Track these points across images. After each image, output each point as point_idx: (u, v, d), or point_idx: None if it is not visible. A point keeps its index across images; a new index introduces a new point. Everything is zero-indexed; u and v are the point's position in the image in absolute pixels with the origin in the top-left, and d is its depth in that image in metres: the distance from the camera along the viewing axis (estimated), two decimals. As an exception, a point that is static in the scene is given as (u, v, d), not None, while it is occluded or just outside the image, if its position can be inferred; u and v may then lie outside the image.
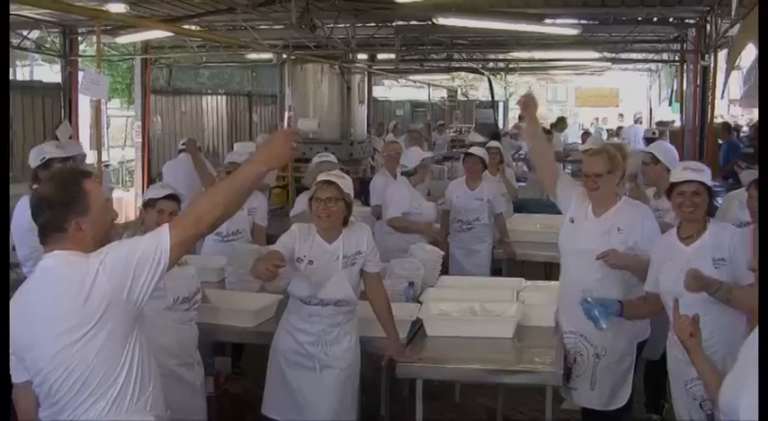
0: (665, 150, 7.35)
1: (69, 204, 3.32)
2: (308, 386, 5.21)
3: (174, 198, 5.48)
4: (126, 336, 3.30)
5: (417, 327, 5.73)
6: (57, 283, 3.25)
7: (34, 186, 5.99)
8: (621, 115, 32.10)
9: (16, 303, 3.30)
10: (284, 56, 13.94)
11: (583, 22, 14.51)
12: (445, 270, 7.52)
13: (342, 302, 5.17)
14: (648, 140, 15.39)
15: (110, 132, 24.43)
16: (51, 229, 3.33)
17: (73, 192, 3.34)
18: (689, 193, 4.87)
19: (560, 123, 21.74)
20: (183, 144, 11.18)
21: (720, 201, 7.26)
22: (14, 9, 10.91)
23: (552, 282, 6.74)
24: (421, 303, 6.03)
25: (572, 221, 5.71)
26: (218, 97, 21.15)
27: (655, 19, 14.90)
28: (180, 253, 3.36)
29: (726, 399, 3.15)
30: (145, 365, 3.40)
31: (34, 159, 6.76)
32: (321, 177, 5.32)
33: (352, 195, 5.33)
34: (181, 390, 5.20)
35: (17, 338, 3.27)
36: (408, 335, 5.61)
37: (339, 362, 5.23)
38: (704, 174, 4.92)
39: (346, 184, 5.21)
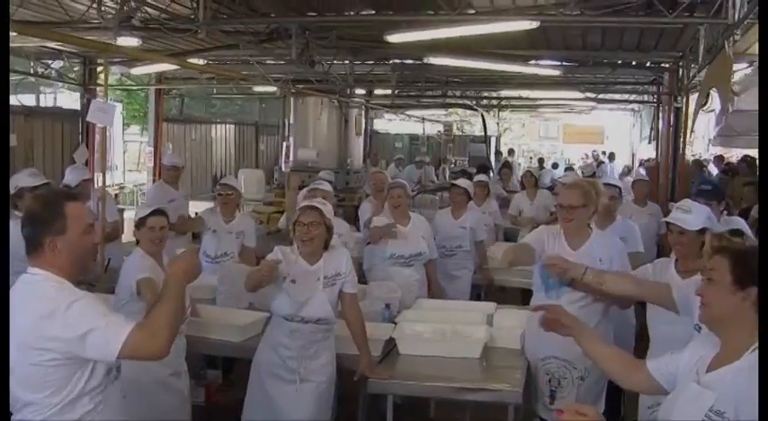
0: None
1: (47, 223, 3.31)
2: (286, 398, 5.24)
3: (160, 212, 5.53)
4: (74, 367, 3.27)
5: (391, 346, 5.75)
6: (27, 301, 3.24)
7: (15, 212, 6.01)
8: (604, 153, 32.27)
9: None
10: (285, 89, 14.01)
11: (565, 63, 14.58)
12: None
13: (322, 321, 5.22)
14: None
15: (127, 157, 24.57)
16: (29, 245, 3.33)
17: (52, 212, 3.33)
18: (675, 233, 4.90)
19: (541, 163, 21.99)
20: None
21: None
22: (40, 41, 11.00)
23: (525, 308, 6.74)
24: (396, 324, 6.03)
25: None
26: (227, 126, 21.25)
27: (633, 63, 15.00)
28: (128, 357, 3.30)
29: (662, 417, 3.25)
30: (96, 391, 3.36)
31: (11, 187, 6.72)
32: (304, 203, 5.39)
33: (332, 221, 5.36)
34: (170, 397, 5.29)
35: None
36: (382, 353, 5.64)
37: (316, 375, 5.28)
38: (690, 216, 4.83)
39: (327, 210, 5.26)
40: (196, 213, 9.24)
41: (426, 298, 7.32)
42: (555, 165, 29.63)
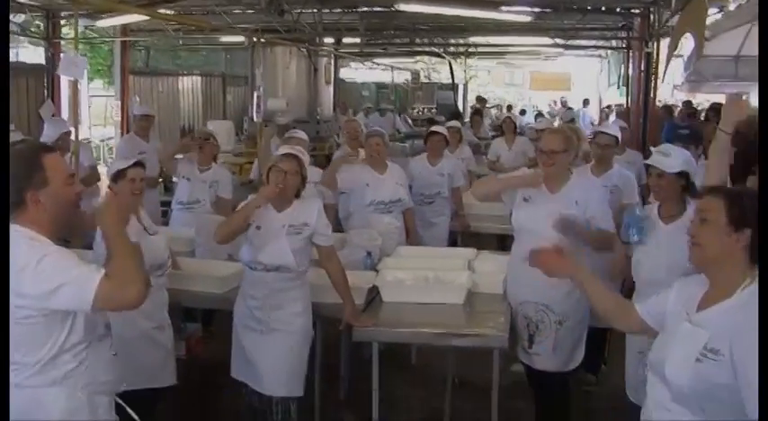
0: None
1: (27, 177, 3.24)
2: (256, 348, 5.24)
3: (139, 164, 5.46)
4: (52, 323, 3.22)
5: (374, 294, 5.75)
6: (12, 255, 3.14)
7: None
8: (564, 104, 32.14)
9: None
10: (254, 39, 13.84)
11: (536, 9, 14.51)
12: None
13: (283, 268, 5.14)
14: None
15: (92, 111, 24.26)
16: (12, 201, 3.23)
17: (30, 166, 3.26)
18: (654, 175, 4.92)
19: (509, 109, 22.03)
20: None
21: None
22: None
23: (504, 253, 6.78)
24: (378, 271, 6.03)
25: (525, 200, 5.63)
26: (194, 78, 21.02)
27: (603, 8, 14.97)
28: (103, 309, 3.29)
29: (653, 358, 3.24)
30: (78, 348, 3.31)
31: None
32: (284, 149, 5.35)
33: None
34: (154, 351, 5.26)
35: None
36: (365, 301, 5.63)
37: (284, 325, 5.21)
38: (670, 159, 4.85)
39: (306, 160, 5.28)
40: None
41: (405, 245, 7.32)
42: (523, 112, 29.70)
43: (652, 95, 14.20)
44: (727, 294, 3.05)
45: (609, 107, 25.05)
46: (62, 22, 15.15)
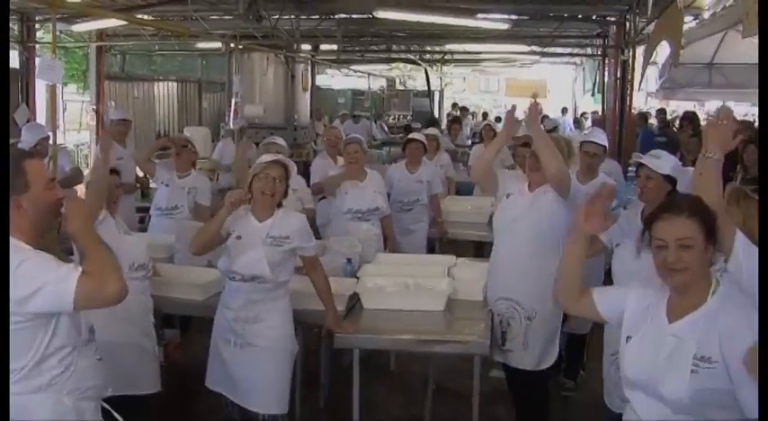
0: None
1: (9, 182, 3.23)
2: (234, 361, 5.14)
3: (114, 171, 5.48)
4: (36, 328, 3.23)
5: (355, 301, 5.77)
6: None
7: None
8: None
9: None
10: (232, 45, 13.84)
11: (513, 17, 14.59)
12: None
13: (260, 279, 5.02)
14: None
15: (66, 116, 24.12)
16: None
17: (12, 170, 3.25)
18: (644, 177, 4.98)
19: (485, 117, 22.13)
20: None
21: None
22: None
23: (482, 260, 6.83)
24: (358, 278, 6.05)
25: (507, 196, 5.78)
26: (170, 84, 20.96)
27: (579, 16, 15.06)
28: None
29: (635, 376, 3.25)
30: (63, 352, 3.32)
31: None
32: (269, 157, 5.25)
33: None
34: (139, 357, 5.26)
35: None
36: (346, 308, 5.65)
37: (261, 340, 5.07)
38: (661, 161, 4.96)
39: (293, 168, 5.28)
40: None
41: (383, 252, 7.34)
42: (498, 119, 29.76)
43: (628, 103, 14.29)
44: (699, 301, 3.11)
45: (584, 114, 25.23)
46: (36, 26, 15.08)
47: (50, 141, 8.00)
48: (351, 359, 5.38)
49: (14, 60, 15.21)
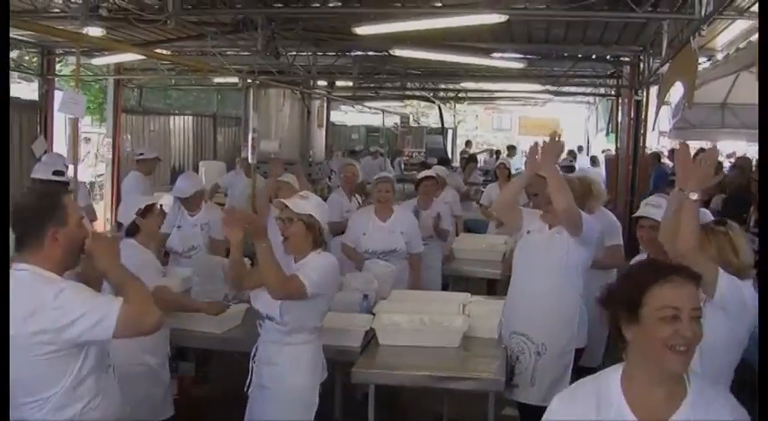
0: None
1: (48, 214, 3.35)
2: (252, 400, 5.04)
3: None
4: (69, 356, 3.31)
5: (371, 337, 5.81)
6: (23, 297, 3.24)
7: None
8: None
9: None
10: (249, 81, 13.95)
11: (528, 56, 14.70)
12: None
13: (272, 318, 4.82)
14: (568, 169, 15.85)
15: (82, 148, 24.31)
16: (30, 238, 3.33)
17: (54, 203, 3.37)
18: (647, 227, 5.03)
19: (511, 150, 22.17)
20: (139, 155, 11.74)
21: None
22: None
23: (495, 298, 6.89)
24: (374, 314, 6.09)
25: (528, 233, 5.87)
26: (186, 118, 21.06)
27: (594, 56, 15.16)
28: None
29: None
30: (91, 378, 3.40)
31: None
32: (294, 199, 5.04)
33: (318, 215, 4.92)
34: (155, 386, 5.32)
35: None
36: (362, 344, 5.69)
37: (273, 384, 4.88)
38: (661, 210, 4.74)
39: (299, 205, 4.87)
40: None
41: (399, 288, 7.35)
42: (510, 149, 29.74)
43: (641, 142, 14.36)
44: (676, 393, 2.68)
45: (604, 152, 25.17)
46: (57, 58, 15.25)
47: (71, 174, 8.07)
48: (363, 393, 5.40)
49: (33, 92, 15.35)
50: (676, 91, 11.39)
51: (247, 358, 5.09)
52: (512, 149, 24.24)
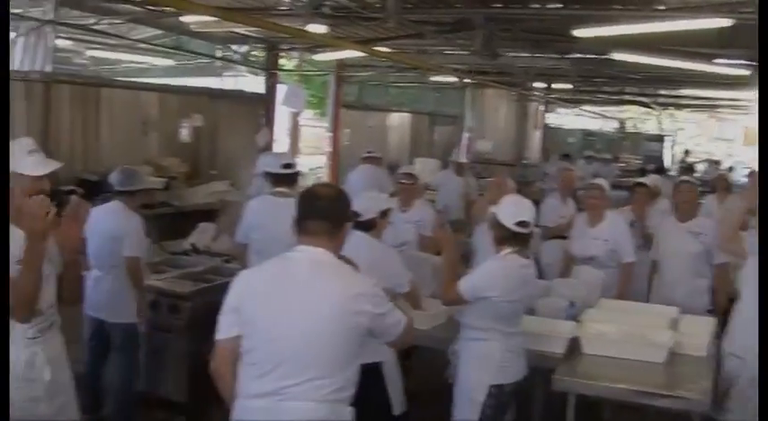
0: None
1: (348, 211, 3.75)
2: None
3: None
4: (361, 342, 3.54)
5: (575, 345, 5.71)
6: (322, 276, 3.49)
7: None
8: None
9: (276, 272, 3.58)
10: (466, 80, 13.99)
11: (753, 63, 14.04)
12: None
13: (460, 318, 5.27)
14: None
15: (302, 140, 25.07)
16: (332, 227, 3.56)
17: (349, 203, 3.75)
18: None
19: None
20: (368, 152, 12.01)
21: None
22: (229, 26, 11.35)
23: (708, 317, 6.64)
24: (579, 322, 5.98)
25: None
26: (403, 114, 21.36)
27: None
28: None
29: None
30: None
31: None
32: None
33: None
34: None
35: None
36: (565, 351, 5.61)
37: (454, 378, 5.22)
38: None
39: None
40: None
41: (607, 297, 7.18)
42: (731, 169, 28.67)
43: None
44: None
45: None
46: (281, 53, 15.76)
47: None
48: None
49: (258, 86, 15.88)
50: None
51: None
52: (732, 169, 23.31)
